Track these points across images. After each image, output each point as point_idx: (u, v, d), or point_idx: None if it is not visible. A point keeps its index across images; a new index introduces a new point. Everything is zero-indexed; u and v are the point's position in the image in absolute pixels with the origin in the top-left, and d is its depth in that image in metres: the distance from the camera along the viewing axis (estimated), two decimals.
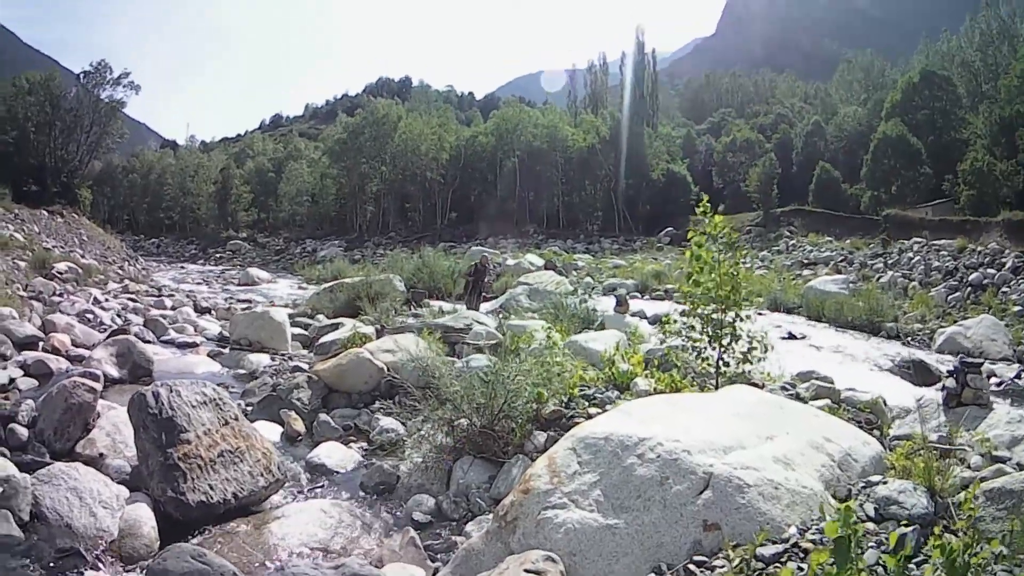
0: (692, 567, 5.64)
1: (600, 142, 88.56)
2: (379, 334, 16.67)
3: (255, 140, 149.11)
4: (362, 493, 9.59)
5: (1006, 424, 8.30)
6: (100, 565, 7.24)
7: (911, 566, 4.82)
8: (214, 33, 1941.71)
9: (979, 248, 36.52)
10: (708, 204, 11.22)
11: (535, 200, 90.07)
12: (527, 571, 5.50)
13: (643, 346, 14.43)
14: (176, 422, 8.51)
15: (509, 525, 6.39)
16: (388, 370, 13.48)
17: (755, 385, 10.97)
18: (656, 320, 17.58)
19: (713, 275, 10.96)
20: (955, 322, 25.42)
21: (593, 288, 26.64)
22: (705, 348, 11.52)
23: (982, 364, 10.12)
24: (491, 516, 7.13)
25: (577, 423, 8.76)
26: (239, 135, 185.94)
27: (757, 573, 5.32)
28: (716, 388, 10.68)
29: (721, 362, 11.34)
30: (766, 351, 11.28)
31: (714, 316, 11.12)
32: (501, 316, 19.19)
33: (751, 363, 11.23)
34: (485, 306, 21.80)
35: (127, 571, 7.29)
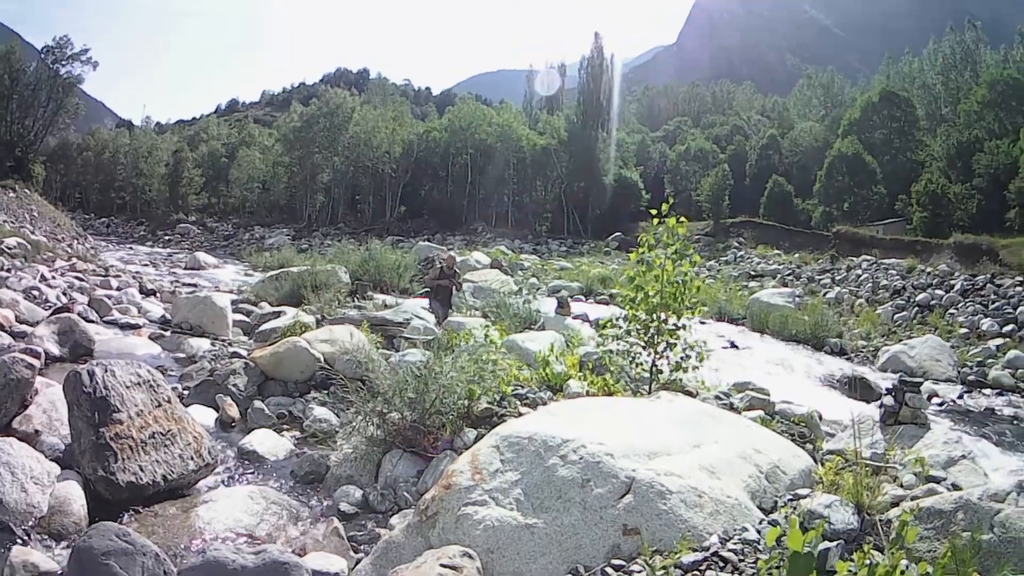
0: (610, 570, 5.67)
1: (555, 144, 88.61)
2: (320, 324, 16.64)
3: (210, 124, 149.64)
4: (291, 482, 9.56)
5: (943, 444, 8.38)
6: (28, 540, 7.21)
7: None
8: (175, 15, 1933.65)
9: (929, 269, 36.93)
10: (665, 208, 11.14)
11: (485, 198, 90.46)
12: (443, 566, 5.52)
13: (581, 349, 14.40)
14: (110, 401, 8.45)
15: (430, 519, 6.41)
16: (325, 360, 13.45)
17: (688, 393, 11.02)
18: (597, 323, 17.65)
19: (657, 280, 10.97)
20: (900, 341, 25.68)
21: (538, 289, 26.64)
22: (640, 353, 11.55)
23: (921, 383, 10.20)
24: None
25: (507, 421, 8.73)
26: (194, 118, 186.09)
27: None
28: (649, 394, 10.70)
29: (655, 368, 11.37)
30: (701, 360, 11.29)
31: (651, 322, 11.13)
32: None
33: (685, 370, 11.24)
34: (427, 302, 21.59)
35: (55, 547, 7.26)
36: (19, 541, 7.10)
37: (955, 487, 7.00)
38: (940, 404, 18.65)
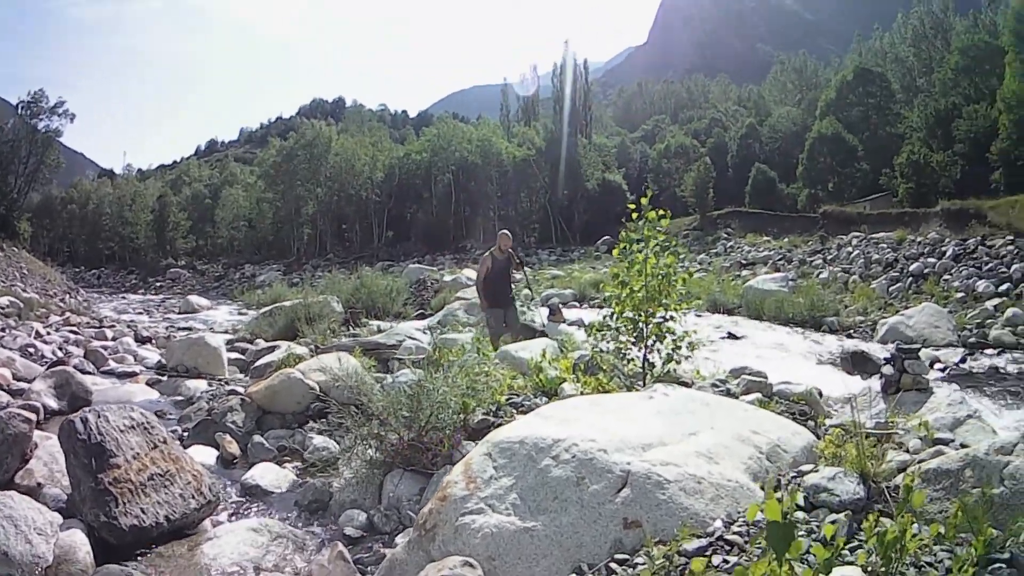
0: (613, 565, 5.62)
1: (535, 154, 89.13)
2: (314, 354, 16.58)
3: (191, 166, 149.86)
4: (296, 512, 9.53)
5: (947, 407, 8.39)
6: None
7: (844, 553, 4.80)
8: (149, 61, 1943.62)
9: (919, 238, 36.92)
10: (645, 202, 11.06)
11: (471, 215, 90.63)
12: None
13: (575, 353, 14.34)
14: (105, 447, 8.39)
15: (429, 533, 6.38)
16: (320, 389, 13.42)
17: (684, 384, 10.98)
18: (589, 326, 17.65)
19: (641, 275, 10.95)
20: (897, 312, 25.72)
21: (532, 299, 26.65)
22: (631, 349, 11.53)
23: (919, 349, 10.19)
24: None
25: None
26: (175, 162, 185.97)
27: (680, 568, 5.30)
28: (644, 388, 10.67)
29: (647, 363, 11.35)
30: (693, 349, 11.27)
31: (637, 317, 11.11)
32: (436, 331, 19.09)
33: (678, 362, 11.22)
34: (421, 323, 21.31)
35: None
36: None
37: (963, 446, 6.90)
38: (943, 369, 18.67)
